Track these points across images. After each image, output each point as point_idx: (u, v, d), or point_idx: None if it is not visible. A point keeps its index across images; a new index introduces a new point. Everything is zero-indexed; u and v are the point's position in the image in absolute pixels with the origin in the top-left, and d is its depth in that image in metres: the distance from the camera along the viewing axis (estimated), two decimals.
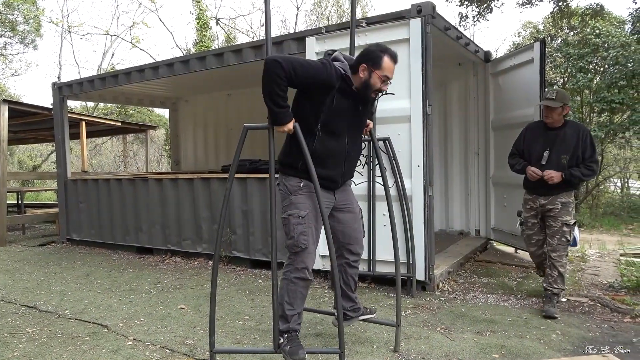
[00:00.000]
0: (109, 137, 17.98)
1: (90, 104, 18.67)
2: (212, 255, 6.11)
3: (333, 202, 2.96)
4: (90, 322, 3.91)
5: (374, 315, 3.31)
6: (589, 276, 5.13)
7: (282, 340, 2.77)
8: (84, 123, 9.06)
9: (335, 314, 3.25)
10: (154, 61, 8.61)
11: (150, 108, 17.89)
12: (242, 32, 20.46)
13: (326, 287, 4.77)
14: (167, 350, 3.30)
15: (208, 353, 3.19)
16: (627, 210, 14.31)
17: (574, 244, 8.02)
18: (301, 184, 2.81)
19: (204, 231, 6.16)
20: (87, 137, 9.62)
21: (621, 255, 6.34)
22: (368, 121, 3.15)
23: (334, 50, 2.93)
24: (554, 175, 3.78)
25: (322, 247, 4.92)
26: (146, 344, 3.42)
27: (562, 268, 3.89)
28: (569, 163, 3.82)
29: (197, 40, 17.29)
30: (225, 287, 4.92)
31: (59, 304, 4.50)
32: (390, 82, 2.83)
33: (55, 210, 8.90)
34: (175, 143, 10.19)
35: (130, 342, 3.46)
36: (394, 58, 2.79)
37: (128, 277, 5.49)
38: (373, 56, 2.75)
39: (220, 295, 4.60)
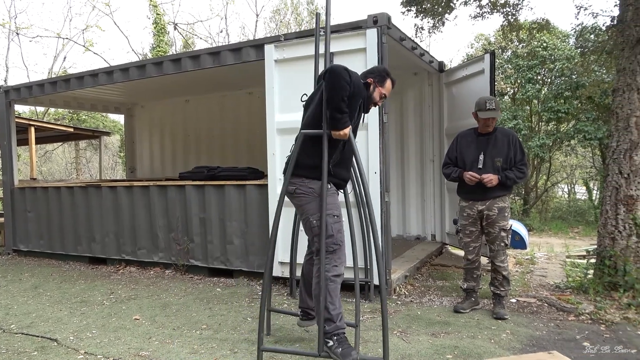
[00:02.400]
0: (60, 143, 17.30)
1: (40, 109, 17.92)
2: (169, 265, 6.00)
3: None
4: (38, 337, 3.75)
5: None
6: (537, 277, 5.37)
7: (331, 343, 2.76)
8: (33, 128, 8.69)
9: (299, 313, 3.34)
10: (108, 65, 8.39)
11: (104, 114, 17.35)
12: (201, 38, 20.24)
13: (285, 294, 4.77)
14: None
15: None
16: (573, 214, 15.04)
17: (524, 246, 8.37)
18: (329, 186, 2.93)
19: (161, 240, 6.03)
20: (37, 143, 9.23)
21: (567, 257, 6.66)
22: None
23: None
24: (492, 178, 3.87)
25: (282, 254, 4.93)
26: (98, 357, 3.31)
27: (505, 271, 4.04)
28: (502, 166, 3.93)
29: (154, 45, 16.95)
30: (183, 297, 4.83)
31: (4, 318, 4.29)
32: (384, 100, 3.21)
33: (1, 219, 8.47)
34: (131, 150, 9.93)
35: (82, 356, 3.34)
36: (394, 83, 3.20)
37: (80, 289, 5.30)
38: (380, 74, 3.14)
39: (177, 305, 4.52)
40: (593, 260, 4.86)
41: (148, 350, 3.40)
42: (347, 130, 2.78)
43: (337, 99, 2.70)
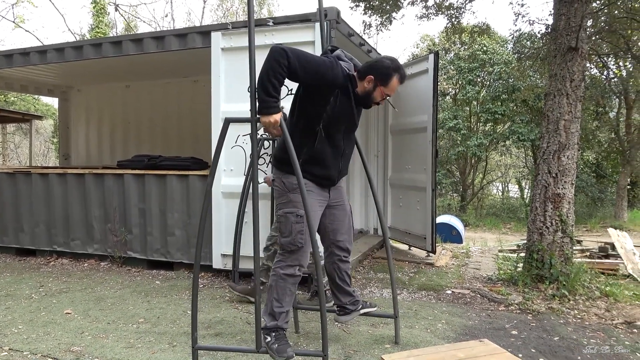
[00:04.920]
0: None
1: None
2: (105, 257, 5.76)
3: (327, 200, 2.93)
4: None
5: (375, 308, 3.33)
6: (471, 270, 5.63)
7: (269, 339, 2.66)
8: None
9: (336, 309, 3.22)
10: (41, 44, 7.87)
11: (35, 96, 16.30)
12: (144, 22, 19.46)
13: (227, 287, 4.70)
14: (50, 359, 3.05)
15: None
16: (506, 211, 15.87)
17: (460, 241, 8.71)
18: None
19: (96, 231, 5.76)
20: None
21: (499, 251, 7.04)
22: None
23: (335, 47, 2.84)
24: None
25: (225, 246, 4.86)
26: (24, 353, 3.13)
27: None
28: None
29: (92, 26, 16.10)
30: (119, 290, 4.65)
31: None
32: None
33: None
34: (65, 135, 9.38)
35: (5, 353, 3.13)
36: (402, 79, 2.78)
37: (5, 282, 4.96)
38: (384, 72, 2.71)
39: (112, 298, 4.34)
40: (523, 254, 5.15)
41: (80, 345, 3.25)
42: (277, 117, 2.46)
43: (264, 80, 2.43)
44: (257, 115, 2.48)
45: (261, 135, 4.65)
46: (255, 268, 2.60)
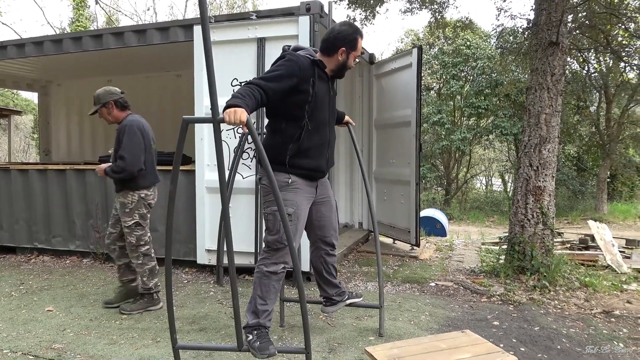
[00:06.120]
0: None
1: None
2: (87, 253, 5.68)
3: (314, 196, 2.91)
4: None
5: (360, 299, 3.35)
6: (455, 263, 5.70)
7: (250, 337, 2.63)
8: None
9: (323, 301, 3.24)
10: (19, 38, 7.70)
11: (14, 90, 15.96)
12: (126, 15, 19.17)
13: (212, 282, 4.69)
14: (31, 357, 3.00)
15: (77, 357, 3.00)
16: (489, 204, 16.07)
17: (444, 234, 8.79)
18: (289, 180, 2.72)
19: (78, 227, 5.68)
20: None
21: (482, 244, 7.14)
22: (347, 117, 3.25)
23: (289, 46, 2.87)
24: (100, 168, 3.74)
25: (208, 242, 4.84)
26: (4, 351, 3.08)
27: (141, 269, 3.84)
28: (113, 157, 3.76)
29: (73, 19, 15.81)
30: (102, 287, 4.60)
31: None
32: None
33: None
34: (46, 131, 9.21)
35: None
36: (362, 36, 2.86)
37: None
38: (351, 39, 2.78)
39: (95, 295, 4.30)
40: (505, 247, 5.23)
41: (62, 342, 3.21)
42: (244, 117, 2.24)
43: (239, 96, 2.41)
44: (220, 116, 2.30)
45: (242, 135, 4.63)
46: (231, 267, 2.57)
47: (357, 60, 2.89)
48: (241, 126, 2.25)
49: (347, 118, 3.34)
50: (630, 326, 3.56)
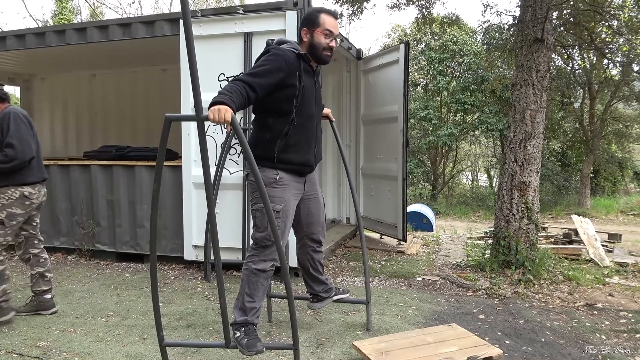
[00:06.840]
0: None
1: None
2: (72, 250, 5.62)
3: (302, 192, 2.89)
4: None
5: (348, 294, 3.35)
6: (441, 257, 5.75)
7: (238, 334, 2.61)
8: None
9: (310, 297, 3.23)
10: (0, 30, 7.54)
11: None
12: (110, 8, 18.90)
13: (199, 278, 4.68)
14: (15, 355, 2.97)
15: (63, 354, 2.97)
16: (475, 199, 16.23)
17: (431, 229, 8.85)
18: (277, 177, 2.69)
19: (63, 224, 5.61)
20: None
21: (468, 238, 7.21)
22: (327, 110, 3.17)
23: (272, 40, 2.84)
24: None
25: (196, 237, 4.82)
26: None
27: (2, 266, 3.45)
28: None
29: (55, 12, 15.54)
30: (87, 283, 4.55)
31: None
32: (336, 39, 2.81)
33: None
34: None
35: None
36: (332, 14, 2.80)
37: None
38: (310, 18, 2.76)
39: (80, 292, 4.25)
40: (490, 241, 5.29)
41: (47, 340, 3.17)
42: (229, 116, 2.20)
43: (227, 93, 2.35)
44: (205, 114, 2.24)
45: (228, 133, 4.60)
46: (217, 262, 2.55)
47: (331, 38, 2.75)
48: (225, 125, 2.22)
49: (326, 111, 3.19)
50: (612, 319, 3.63)
